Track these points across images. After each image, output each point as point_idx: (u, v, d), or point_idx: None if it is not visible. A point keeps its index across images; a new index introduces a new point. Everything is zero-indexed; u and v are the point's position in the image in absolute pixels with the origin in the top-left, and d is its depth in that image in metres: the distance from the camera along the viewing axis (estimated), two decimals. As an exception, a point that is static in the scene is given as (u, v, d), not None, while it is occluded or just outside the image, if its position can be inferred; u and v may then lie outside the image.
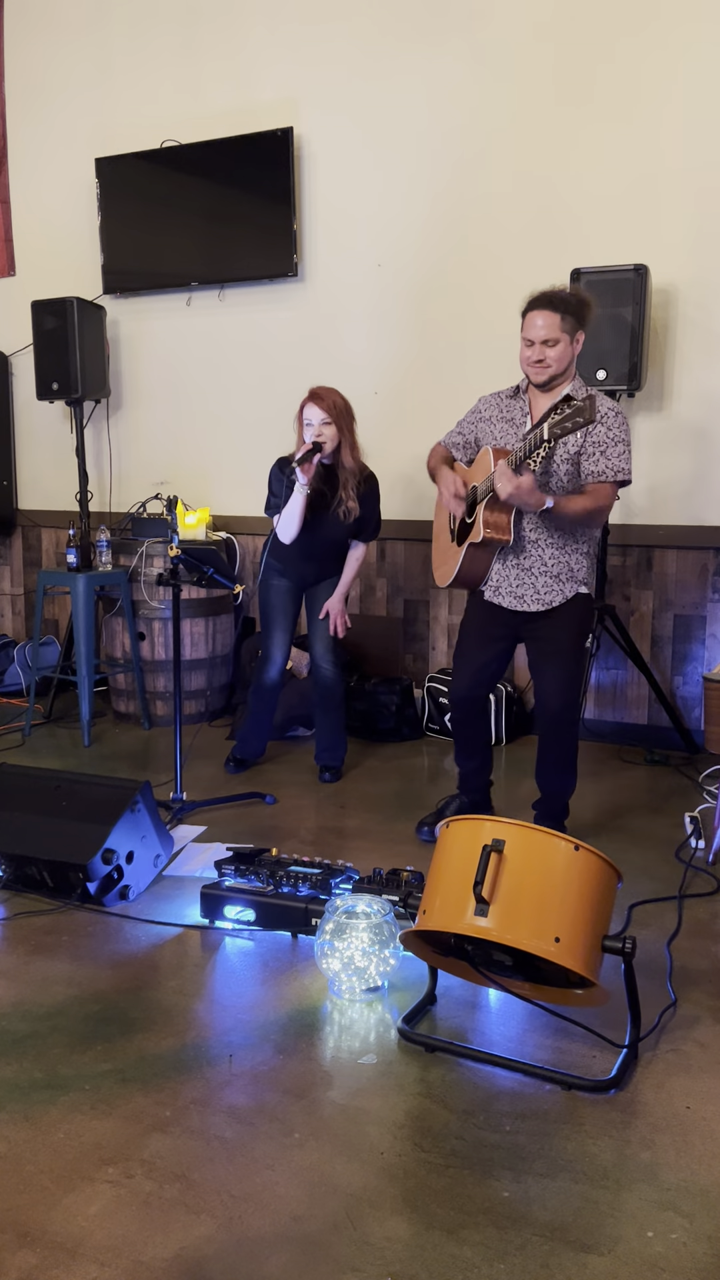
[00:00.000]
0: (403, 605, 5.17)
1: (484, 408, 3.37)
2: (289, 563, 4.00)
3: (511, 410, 3.28)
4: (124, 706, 5.15)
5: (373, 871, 2.93)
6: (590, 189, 4.47)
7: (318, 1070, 2.25)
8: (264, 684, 4.17)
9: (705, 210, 4.30)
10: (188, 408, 5.52)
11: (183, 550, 3.74)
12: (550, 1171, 1.93)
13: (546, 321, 3.03)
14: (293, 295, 5.15)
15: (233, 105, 5.13)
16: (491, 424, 3.32)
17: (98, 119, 5.49)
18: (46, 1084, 2.20)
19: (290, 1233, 1.78)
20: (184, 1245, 1.75)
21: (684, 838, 3.54)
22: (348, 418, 3.86)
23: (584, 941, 2.17)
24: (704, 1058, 2.29)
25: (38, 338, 5.22)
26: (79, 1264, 1.71)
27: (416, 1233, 1.78)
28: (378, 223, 4.92)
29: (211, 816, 3.77)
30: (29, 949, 2.79)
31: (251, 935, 2.86)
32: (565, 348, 3.07)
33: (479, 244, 4.72)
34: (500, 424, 3.29)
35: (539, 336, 3.05)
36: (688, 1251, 1.74)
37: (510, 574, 3.26)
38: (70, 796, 3.15)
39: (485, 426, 3.34)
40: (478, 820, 2.32)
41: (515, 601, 3.27)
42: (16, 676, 5.61)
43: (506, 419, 3.28)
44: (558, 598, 3.23)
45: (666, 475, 4.52)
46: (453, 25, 4.64)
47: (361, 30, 4.82)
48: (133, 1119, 2.08)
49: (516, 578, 3.25)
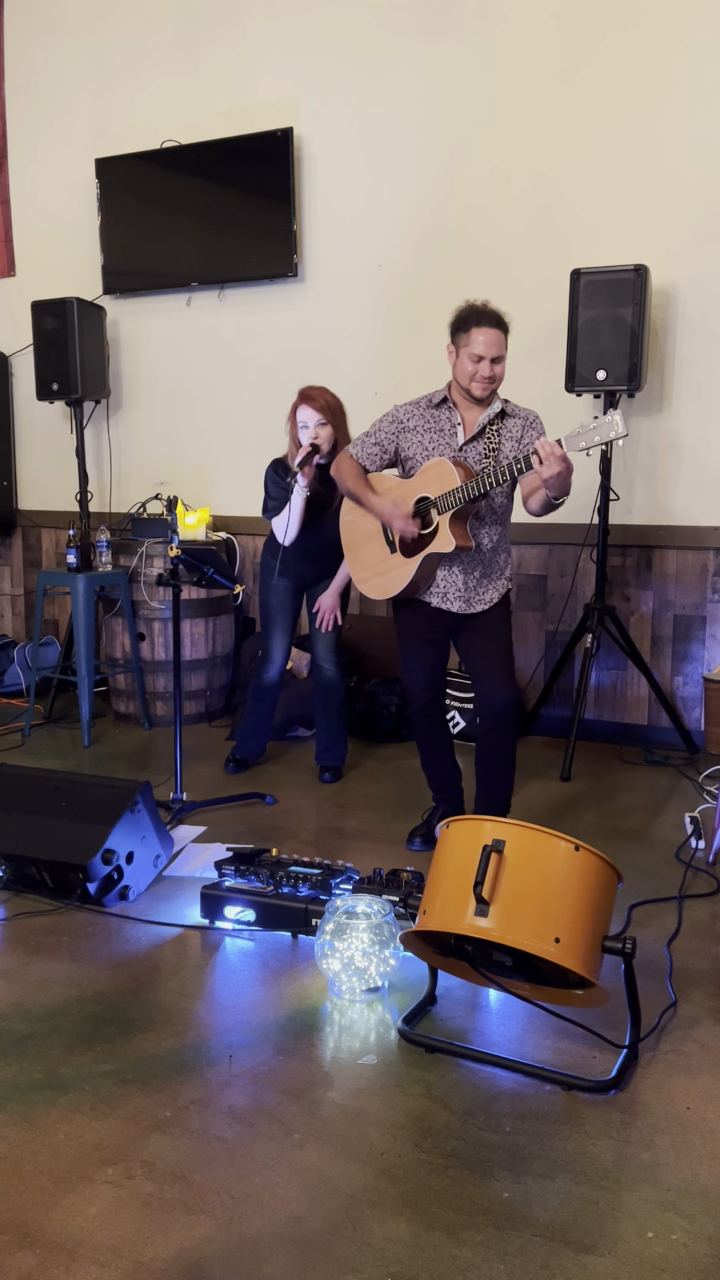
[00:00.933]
0: (403, 605, 5.16)
1: (405, 418, 3.31)
2: (288, 562, 4.00)
3: (439, 421, 3.27)
4: (124, 707, 5.15)
5: (373, 872, 2.93)
6: (591, 189, 4.47)
7: (318, 1071, 2.25)
8: (263, 684, 4.17)
9: (706, 211, 4.30)
10: (188, 408, 5.52)
11: (183, 550, 3.75)
12: (550, 1172, 1.93)
13: (495, 339, 3.14)
14: (293, 295, 5.15)
15: (232, 105, 5.13)
16: (418, 434, 3.28)
17: (98, 119, 5.49)
18: (46, 1084, 2.20)
19: (290, 1233, 1.78)
20: (184, 1246, 1.75)
21: (684, 838, 3.54)
22: (341, 416, 3.87)
23: (584, 942, 2.17)
24: (704, 1058, 2.29)
25: (38, 338, 5.22)
26: (79, 1264, 1.71)
27: (416, 1233, 1.78)
28: (378, 223, 4.93)
29: (211, 817, 3.77)
30: (29, 949, 2.79)
31: (251, 935, 2.86)
32: (503, 364, 3.20)
33: (479, 244, 4.72)
34: (428, 434, 3.27)
35: (490, 353, 3.14)
36: (688, 1252, 1.74)
37: (457, 580, 3.30)
38: (70, 797, 3.15)
39: (410, 437, 3.29)
40: (478, 820, 2.32)
41: (464, 605, 3.32)
42: (16, 677, 5.61)
43: (434, 429, 3.27)
44: (495, 595, 3.36)
45: (666, 475, 4.52)
46: (453, 25, 4.64)
47: (361, 30, 4.82)
48: (133, 1119, 2.08)
49: (463, 582, 3.30)
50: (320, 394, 3.84)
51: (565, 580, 4.75)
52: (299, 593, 4.13)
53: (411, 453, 3.29)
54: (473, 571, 3.30)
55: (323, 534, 3.96)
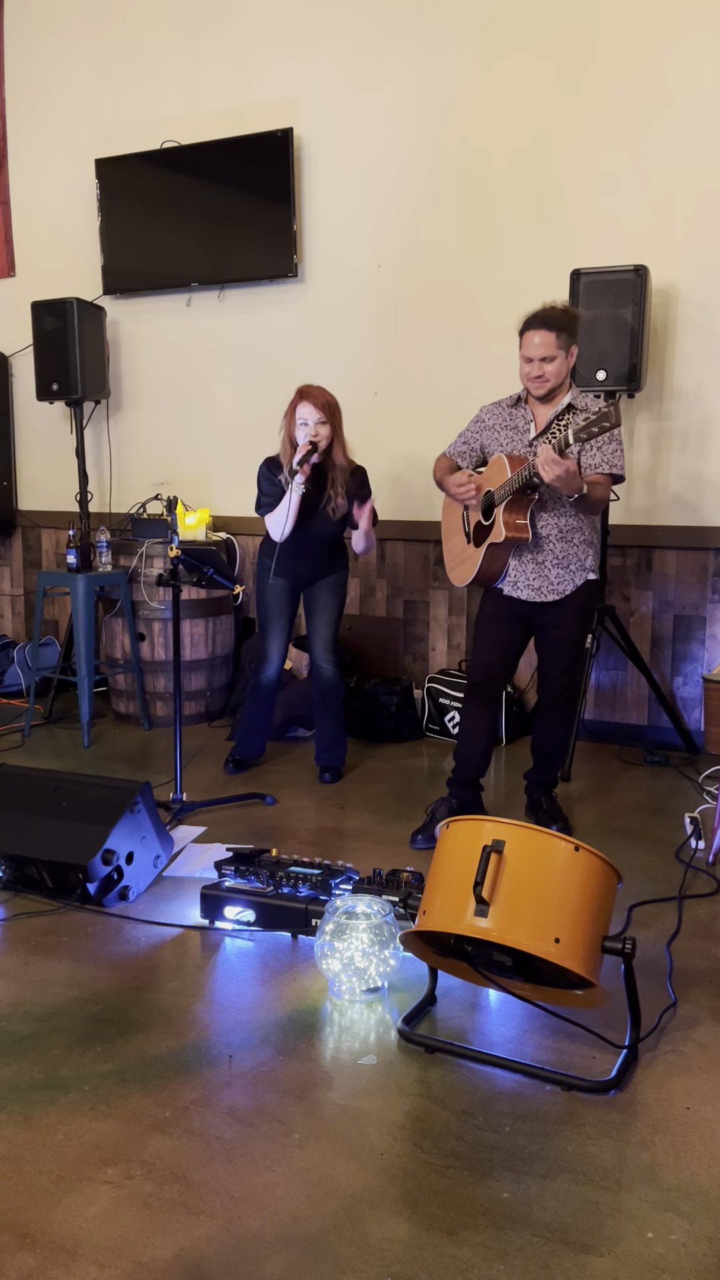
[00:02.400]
0: (402, 606, 5.17)
1: (486, 417, 3.53)
2: (283, 561, 4.00)
3: (515, 419, 3.46)
4: (124, 707, 5.15)
5: (373, 872, 2.93)
6: (591, 189, 4.47)
7: (318, 1071, 2.25)
8: (261, 684, 4.17)
9: (706, 211, 4.30)
10: (188, 408, 5.52)
11: (182, 551, 3.75)
12: (550, 1172, 1.93)
13: (543, 340, 3.26)
14: (293, 295, 5.15)
15: (233, 106, 5.13)
16: (496, 432, 3.48)
17: (98, 120, 5.49)
18: (46, 1085, 2.20)
19: (290, 1233, 1.78)
20: (184, 1246, 1.75)
21: (684, 838, 3.54)
22: (338, 415, 3.89)
23: (584, 942, 2.17)
24: (704, 1058, 2.29)
25: (38, 338, 5.22)
26: (79, 1265, 1.71)
27: (416, 1233, 1.78)
28: (378, 223, 4.92)
29: (211, 817, 3.77)
30: (29, 949, 2.79)
31: (251, 936, 2.86)
32: (561, 362, 3.30)
33: (479, 244, 4.72)
34: (505, 431, 3.46)
35: (537, 354, 3.28)
36: (688, 1252, 1.74)
37: (527, 569, 3.44)
38: (70, 797, 3.15)
39: (490, 434, 3.51)
40: (478, 820, 2.32)
41: (533, 594, 3.45)
42: (16, 677, 5.61)
43: (510, 427, 3.46)
44: (569, 586, 3.44)
45: (666, 475, 4.52)
46: (453, 25, 4.64)
47: (361, 31, 4.82)
48: (132, 1120, 2.08)
49: (533, 571, 3.44)
50: (320, 393, 3.85)
51: (565, 580, 4.75)
52: (296, 592, 4.13)
53: (493, 450, 3.49)
54: (542, 560, 3.42)
55: (316, 532, 3.96)
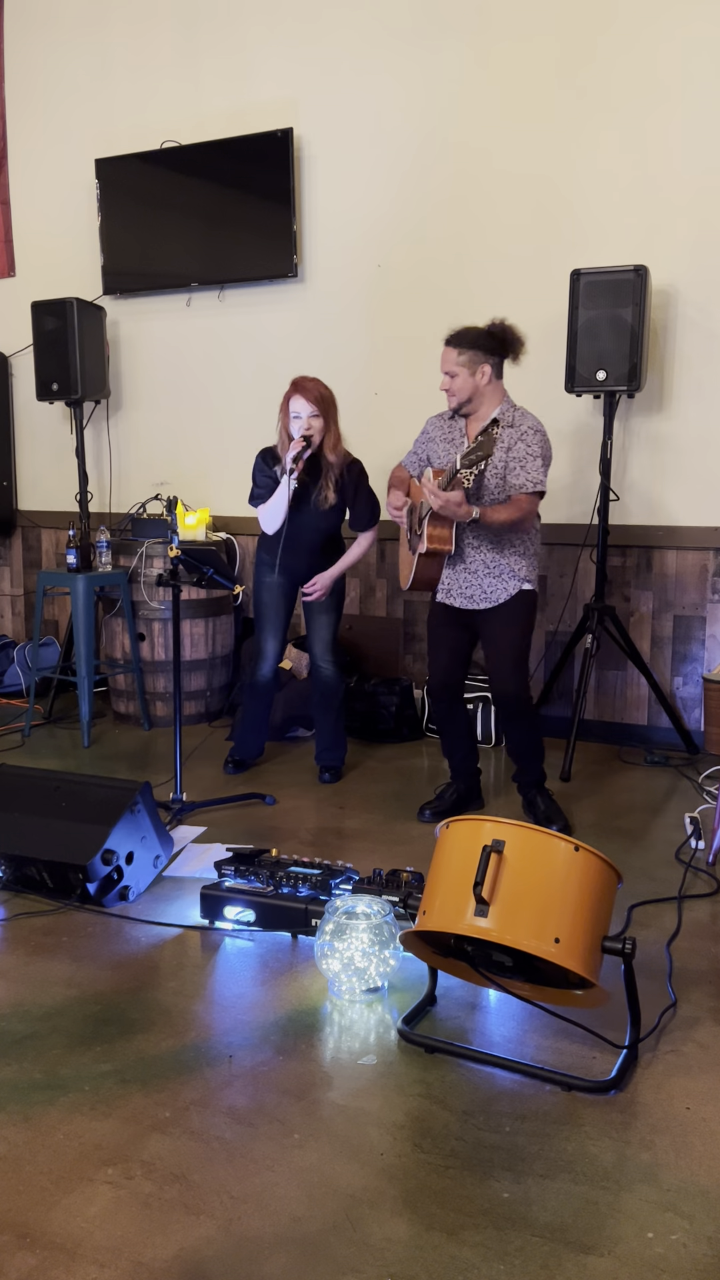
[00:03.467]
0: (402, 606, 5.17)
1: (430, 428, 3.66)
2: (278, 557, 3.98)
3: (451, 432, 3.58)
4: (124, 707, 5.15)
5: (373, 872, 2.93)
6: (590, 190, 4.47)
7: (318, 1071, 2.24)
8: (257, 682, 4.17)
9: (705, 211, 4.30)
10: (188, 408, 5.52)
11: (182, 551, 3.74)
12: (550, 1172, 1.93)
13: (444, 356, 3.41)
14: (293, 296, 5.15)
15: (232, 106, 5.13)
16: (436, 444, 3.61)
17: (98, 119, 5.49)
18: (46, 1085, 2.20)
19: (290, 1234, 1.78)
20: (184, 1246, 1.75)
21: (684, 838, 3.54)
22: (333, 408, 3.88)
23: (584, 942, 2.17)
24: (704, 1058, 2.29)
25: (38, 338, 5.22)
26: (78, 1265, 1.71)
27: (416, 1234, 1.78)
28: (377, 223, 4.92)
29: (211, 817, 3.77)
30: (29, 949, 2.79)
31: (251, 936, 2.86)
32: (465, 379, 3.38)
33: (479, 244, 4.72)
34: (442, 444, 3.59)
35: (442, 369, 3.42)
36: (688, 1253, 1.74)
37: (460, 577, 3.56)
38: (70, 797, 3.15)
39: (431, 446, 3.63)
40: (478, 820, 2.32)
41: (466, 601, 3.57)
42: (16, 677, 5.61)
43: (447, 439, 3.58)
44: (503, 595, 3.52)
45: (666, 475, 4.52)
46: (452, 25, 4.64)
47: (361, 30, 4.82)
48: (132, 1120, 2.08)
49: (465, 580, 3.55)
50: (314, 385, 3.84)
51: (565, 580, 4.76)
52: (292, 590, 4.13)
53: (434, 460, 3.60)
54: (474, 569, 3.53)
55: (308, 525, 3.96)
